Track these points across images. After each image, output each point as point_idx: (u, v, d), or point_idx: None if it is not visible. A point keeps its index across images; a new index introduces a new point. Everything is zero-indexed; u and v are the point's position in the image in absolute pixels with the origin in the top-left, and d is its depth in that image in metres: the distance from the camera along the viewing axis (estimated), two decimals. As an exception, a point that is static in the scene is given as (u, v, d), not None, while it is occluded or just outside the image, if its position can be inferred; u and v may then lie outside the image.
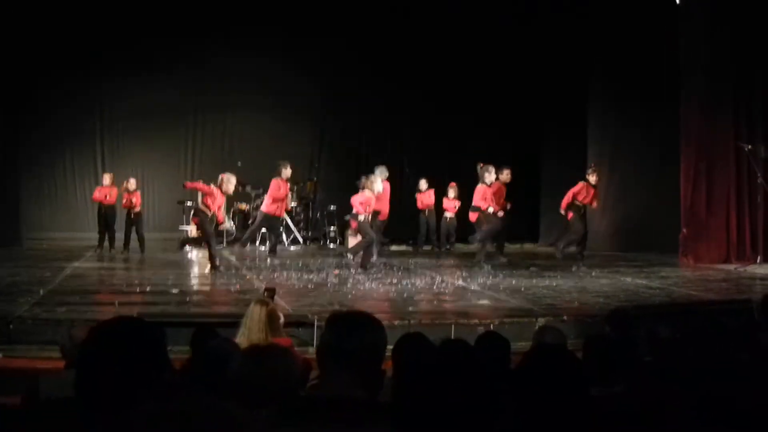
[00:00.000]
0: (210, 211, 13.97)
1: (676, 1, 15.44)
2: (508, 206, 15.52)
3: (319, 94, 21.37)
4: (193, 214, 14.57)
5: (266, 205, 15.47)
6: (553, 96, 20.33)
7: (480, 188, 14.96)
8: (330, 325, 3.34)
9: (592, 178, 14.72)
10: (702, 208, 15.39)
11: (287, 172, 15.51)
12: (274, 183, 15.39)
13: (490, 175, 14.93)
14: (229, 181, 14.09)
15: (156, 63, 20.15)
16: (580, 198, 14.63)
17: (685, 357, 4.68)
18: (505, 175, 15.48)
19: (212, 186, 14.12)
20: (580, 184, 14.68)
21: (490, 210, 14.80)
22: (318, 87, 21.17)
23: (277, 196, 15.33)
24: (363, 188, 14.57)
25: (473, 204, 15.06)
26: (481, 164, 15.11)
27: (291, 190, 19.50)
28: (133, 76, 20.03)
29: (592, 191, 14.69)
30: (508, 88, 20.95)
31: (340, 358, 3.16)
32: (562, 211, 14.86)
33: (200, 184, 14.42)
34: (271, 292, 7.47)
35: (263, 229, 16.77)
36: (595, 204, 14.99)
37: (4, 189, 17.46)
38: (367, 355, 3.21)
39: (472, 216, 15.15)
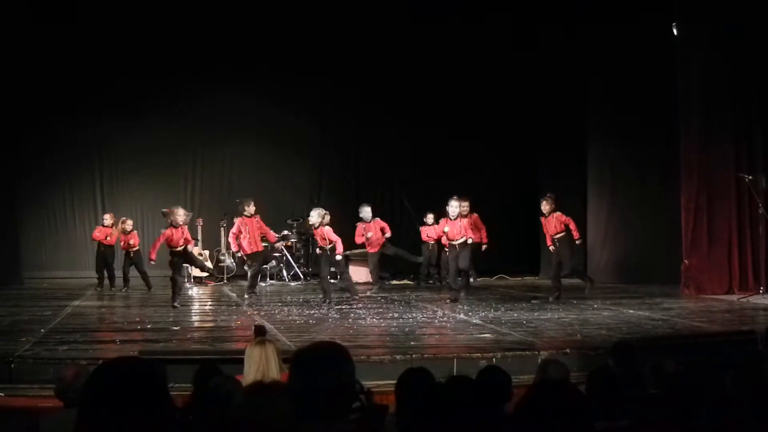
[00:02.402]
0: (176, 249, 14.03)
1: (673, 32, 15.50)
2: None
3: (317, 129, 21.43)
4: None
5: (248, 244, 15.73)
6: (551, 129, 20.35)
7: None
8: (295, 366, 3.21)
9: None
10: (704, 240, 15.35)
11: (251, 209, 15.72)
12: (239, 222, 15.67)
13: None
14: (174, 214, 14.08)
15: (153, 102, 20.18)
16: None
17: (690, 389, 4.65)
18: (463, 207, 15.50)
19: (163, 231, 14.25)
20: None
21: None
22: (315, 122, 21.25)
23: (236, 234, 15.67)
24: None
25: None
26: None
27: (291, 226, 19.59)
28: (131, 115, 20.03)
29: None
30: (506, 120, 21.01)
31: (312, 399, 3.05)
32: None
33: (158, 242, 14.34)
34: (260, 330, 7.36)
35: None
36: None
37: (3, 229, 17.48)
38: (337, 389, 3.09)
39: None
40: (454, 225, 14.82)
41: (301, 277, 19.21)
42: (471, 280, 16.27)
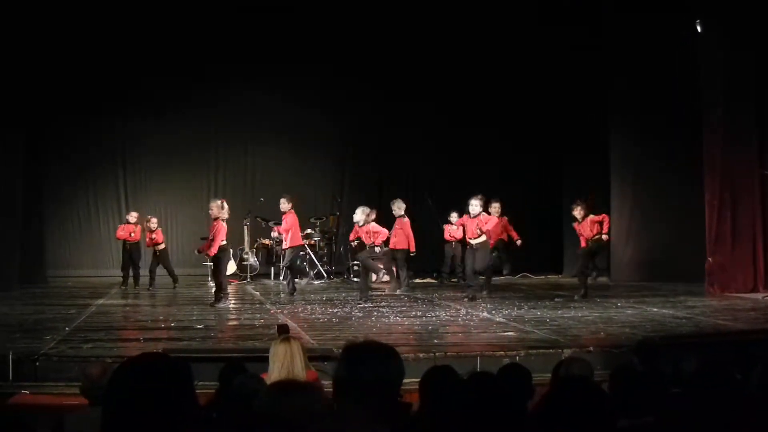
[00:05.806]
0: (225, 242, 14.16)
1: (697, 29, 15.40)
2: (518, 242, 15.79)
3: (339, 128, 21.39)
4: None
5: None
6: (574, 127, 20.28)
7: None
8: (345, 358, 3.27)
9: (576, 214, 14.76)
10: (728, 238, 15.26)
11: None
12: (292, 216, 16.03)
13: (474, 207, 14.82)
14: (219, 207, 14.20)
15: (177, 101, 20.29)
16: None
17: (714, 388, 4.62)
18: (494, 209, 15.53)
19: (215, 224, 14.20)
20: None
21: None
22: (337, 121, 21.19)
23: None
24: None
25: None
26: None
27: (314, 225, 19.65)
28: (155, 113, 20.20)
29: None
30: (530, 120, 20.97)
31: (356, 392, 3.08)
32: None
33: (213, 234, 14.33)
34: (283, 328, 7.39)
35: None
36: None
37: (28, 227, 17.55)
38: (383, 386, 3.13)
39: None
40: (471, 223, 14.75)
41: (324, 275, 19.21)
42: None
